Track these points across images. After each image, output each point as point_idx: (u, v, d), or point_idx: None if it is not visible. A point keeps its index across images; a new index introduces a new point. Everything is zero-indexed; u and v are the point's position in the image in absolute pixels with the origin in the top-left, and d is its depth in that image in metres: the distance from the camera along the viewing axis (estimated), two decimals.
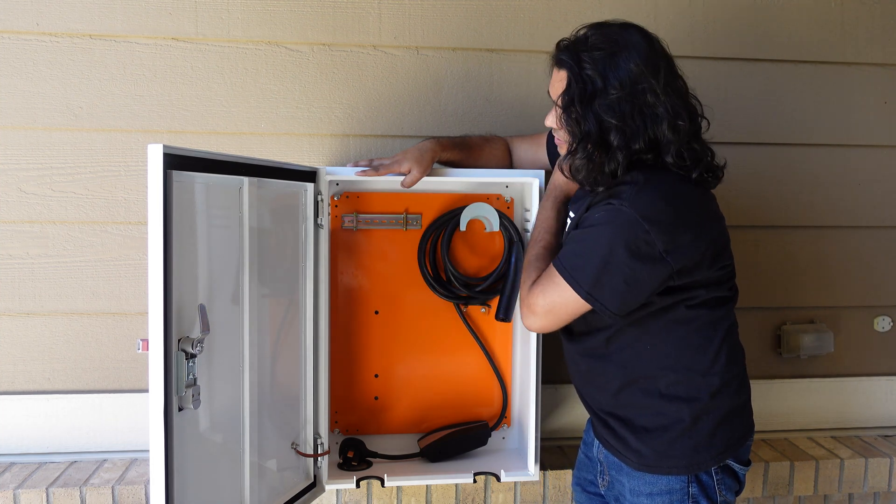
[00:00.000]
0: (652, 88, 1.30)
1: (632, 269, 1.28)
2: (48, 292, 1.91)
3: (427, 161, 1.64)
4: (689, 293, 1.35)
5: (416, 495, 1.90)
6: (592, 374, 1.48)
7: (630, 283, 1.29)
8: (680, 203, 1.31)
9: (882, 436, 2.24)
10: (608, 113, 1.30)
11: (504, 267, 1.82)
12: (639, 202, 1.27)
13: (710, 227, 1.35)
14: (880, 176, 2.18)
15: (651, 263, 1.27)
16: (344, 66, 1.96)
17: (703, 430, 1.38)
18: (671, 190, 1.32)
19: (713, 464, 1.39)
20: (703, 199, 1.37)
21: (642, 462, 1.41)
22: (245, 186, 1.45)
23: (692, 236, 1.30)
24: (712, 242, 1.34)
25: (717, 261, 1.36)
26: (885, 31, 2.14)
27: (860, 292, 2.20)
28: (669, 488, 1.40)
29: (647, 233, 1.26)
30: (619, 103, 1.30)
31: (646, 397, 1.40)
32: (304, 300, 1.68)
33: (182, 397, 1.26)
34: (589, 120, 1.32)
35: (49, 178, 1.88)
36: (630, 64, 1.30)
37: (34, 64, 1.86)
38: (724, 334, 1.40)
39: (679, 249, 1.28)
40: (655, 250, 1.26)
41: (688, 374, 1.38)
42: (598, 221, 1.30)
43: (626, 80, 1.30)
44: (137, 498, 1.80)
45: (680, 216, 1.30)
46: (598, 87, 1.31)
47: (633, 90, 1.30)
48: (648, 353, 1.39)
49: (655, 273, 1.29)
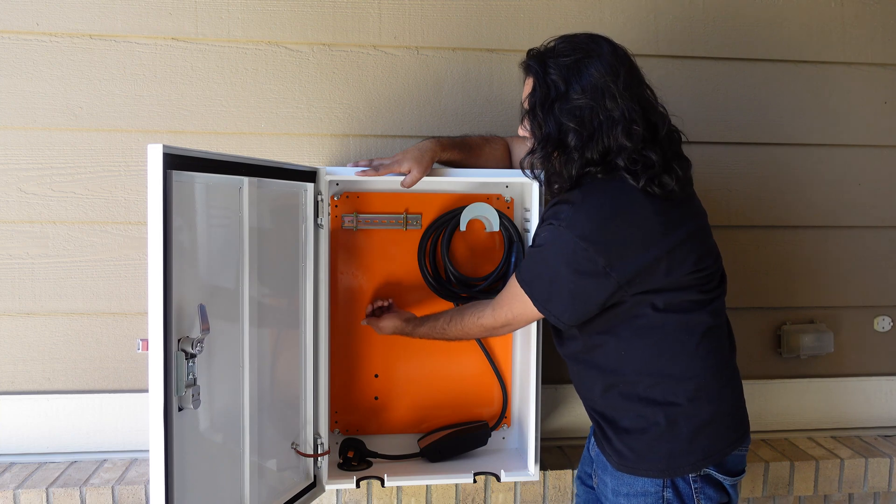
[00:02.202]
0: (612, 94, 1.34)
1: (576, 284, 1.35)
2: (48, 292, 1.91)
3: (427, 161, 1.64)
4: (651, 296, 1.36)
5: (416, 495, 1.90)
6: (580, 376, 1.51)
7: (577, 296, 1.36)
8: (619, 219, 1.33)
9: (882, 436, 2.24)
10: (567, 116, 1.35)
11: (504, 267, 1.83)
12: (576, 223, 1.33)
13: (661, 238, 1.33)
14: (880, 176, 2.18)
15: (595, 278, 1.33)
16: (344, 66, 1.96)
17: (680, 435, 1.38)
18: (610, 206, 1.34)
19: (690, 470, 1.39)
20: (652, 211, 1.35)
21: (622, 462, 1.43)
22: (245, 186, 1.45)
23: (636, 250, 1.32)
24: (667, 253, 1.33)
25: (679, 267, 1.35)
26: (885, 31, 2.14)
27: (860, 292, 2.20)
28: (644, 490, 1.41)
29: (585, 251, 1.31)
30: (580, 108, 1.35)
31: (625, 400, 1.42)
32: (304, 300, 1.68)
33: (182, 397, 1.26)
34: (549, 123, 1.38)
35: (49, 178, 1.89)
36: (592, 70, 1.35)
37: (34, 64, 1.86)
38: (700, 338, 1.39)
39: (622, 264, 1.31)
40: (598, 266, 1.32)
41: (662, 379, 1.39)
42: (543, 241, 1.39)
43: (588, 85, 1.35)
44: (137, 498, 1.80)
45: (619, 232, 1.33)
46: (561, 91, 1.37)
47: (594, 95, 1.35)
48: (623, 359, 1.41)
49: (601, 287, 1.34)
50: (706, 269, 1.40)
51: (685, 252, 1.36)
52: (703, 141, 2.08)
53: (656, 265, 1.33)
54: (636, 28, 2.03)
